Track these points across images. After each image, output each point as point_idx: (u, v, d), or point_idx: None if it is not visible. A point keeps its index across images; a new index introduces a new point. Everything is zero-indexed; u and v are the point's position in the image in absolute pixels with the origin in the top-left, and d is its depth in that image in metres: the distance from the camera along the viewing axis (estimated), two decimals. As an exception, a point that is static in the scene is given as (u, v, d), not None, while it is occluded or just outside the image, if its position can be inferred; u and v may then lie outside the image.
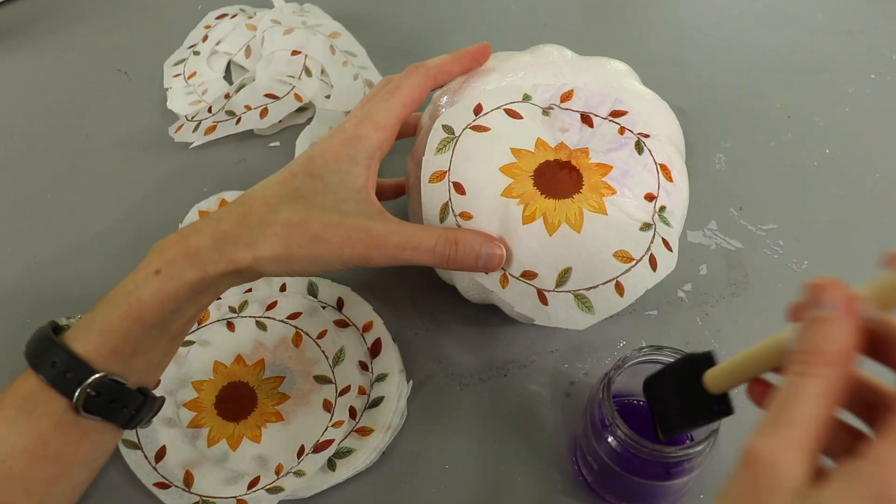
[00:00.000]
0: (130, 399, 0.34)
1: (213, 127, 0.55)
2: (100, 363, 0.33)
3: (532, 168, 0.39)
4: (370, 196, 0.38)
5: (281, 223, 0.35)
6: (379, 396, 0.41)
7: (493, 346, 0.44)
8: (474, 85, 0.42)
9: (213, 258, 0.35)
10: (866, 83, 0.59)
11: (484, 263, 0.37)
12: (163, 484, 0.38)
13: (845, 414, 0.26)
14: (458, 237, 0.37)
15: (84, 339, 0.33)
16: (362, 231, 0.36)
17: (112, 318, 0.33)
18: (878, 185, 0.52)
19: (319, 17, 0.63)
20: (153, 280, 0.34)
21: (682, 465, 0.34)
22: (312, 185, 0.37)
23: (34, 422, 0.33)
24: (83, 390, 0.32)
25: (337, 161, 0.37)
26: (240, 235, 0.35)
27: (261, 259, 0.35)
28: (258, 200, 0.37)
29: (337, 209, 0.36)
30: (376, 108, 0.39)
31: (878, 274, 0.25)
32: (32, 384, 0.33)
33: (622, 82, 0.43)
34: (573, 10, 0.67)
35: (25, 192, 0.53)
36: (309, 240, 0.35)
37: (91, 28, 0.66)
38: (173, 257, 0.34)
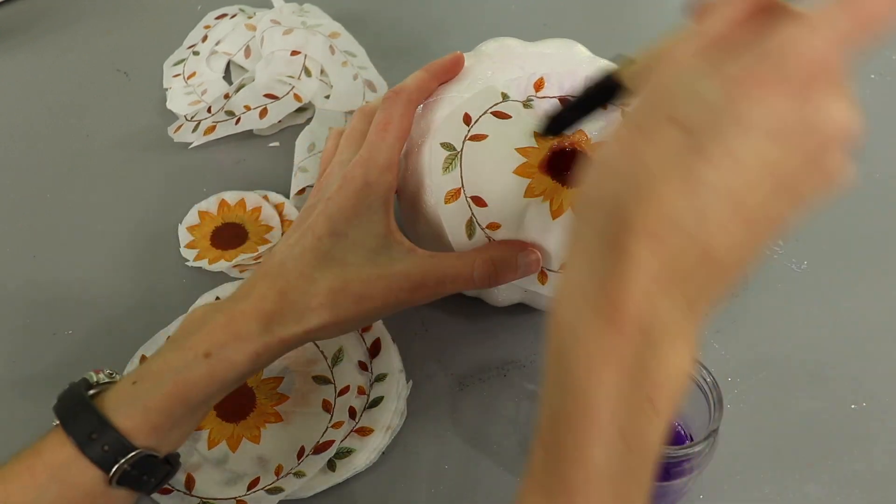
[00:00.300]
0: (160, 470, 0.34)
1: (213, 127, 0.55)
2: (139, 439, 0.32)
3: (542, 161, 0.39)
4: (397, 237, 0.38)
5: (324, 293, 0.36)
6: (378, 396, 0.41)
7: (492, 346, 0.44)
8: (450, 95, 0.41)
9: (264, 340, 0.35)
10: (866, 83, 0.59)
11: (523, 273, 0.38)
12: (164, 489, 0.38)
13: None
14: (493, 258, 0.38)
15: (125, 415, 0.33)
16: (401, 278, 0.37)
17: (156, 396, 0.33)
18: (878, 185, 0.52)
19: (319, 18, 0.63)
20: (203, 363, 0.34)
21: (681, 466, 0.34)
22: (341, 245, 0.37)
23: (65, 490, 0.32)
24: (120, 466, 0.32)
25: (357, 215, 0.37)
26: (285, 313, 0.35)
27: (311, 332, 0.36)
28: (293, 272, 0.37)
29: (372, 262, 0.37)
30: (376, 151, 0.39)
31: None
32: (67, 453, 0.32)
33: (583, 59, 0.43)
34: (573, 10, 0.67)
35: (25, 192, 0.53)
36: (354, 302, 0.36)
37: (91, 28, 0.66)
38: (224, 340, 0.34)
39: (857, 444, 0.40)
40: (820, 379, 0.43)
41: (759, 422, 0.41)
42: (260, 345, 0.35)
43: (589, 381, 0.23)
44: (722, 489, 0.39)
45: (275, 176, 0.53)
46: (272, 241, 0.48)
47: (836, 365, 0.43)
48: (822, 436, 0.41)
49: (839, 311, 0.46)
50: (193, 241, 0.49)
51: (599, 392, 0.23)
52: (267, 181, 0.53)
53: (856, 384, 0.42)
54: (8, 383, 0.44)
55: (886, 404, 0.42)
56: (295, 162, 0.52)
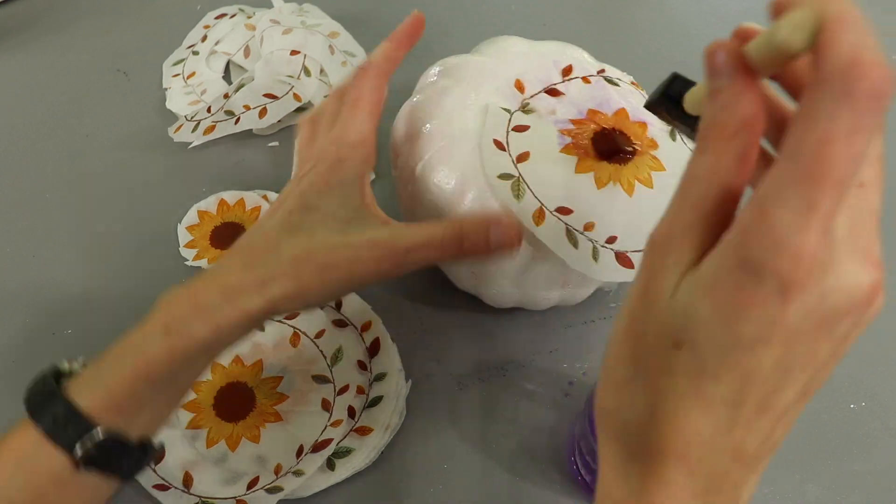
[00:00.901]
0: (131, 454, 0.33)
1: (212, 127, 0.55)
2: (104, 419, 0.32)
3: (591, 152, 0.40)
4: (372, 210, 0.37)
5: (287, 261, 0.34)
6: (378, 396, 0.41)
7: (491, 346, 0.44)
8: (455, 131, 0.41)
9: (224, 312, 0.33)
10: (866, 83, 0.59)
11: (496, 242, 0.35)
12: (162, 486, 0.38)
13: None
14: (462, 224, 0.35)
15: (89, 395, 0.32)
16: (369, 246, 0.35)
17: (118, 375, 0.32)
18: (878, 184, 0.52)
19: (318, 17, 0.63)
20: (162, 338, 0.32)
21: (680, 465, 0.34)
22: (311, 218, 0.36)
23: (32, 477, 0.31)
24: (84, 447, 0.31)
25: (329, 189, 0.36)
26: (248, 283, 0.34)
27: (274, 302, 0.34)
28: (259, 244, 0.36)
29: (340, 232, 0.35)
30: (348, 127, 0.38)
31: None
32: (32, 438, 0.31)
33: (538, 47, 0.45)
34: (573, 10, 0.67)
35: (25, 192, 0.54)
36: (318, 271, 0.34)
37: (91, 28, 0.66)
38: (183, 314, 0.33)
39: (857, 444, 0.40)
40: (819, 379, 0.43)
41: (759, 421, 0.41)
42: (221, 317, 0.33)
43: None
44: (721, 489, 0.39)
45: (274, 175, 0.53)
46: (271, 241, 0.48)
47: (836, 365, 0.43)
48: (821, 436, 0.41)
49: (839, 310, 0.46)
50: (193, 240, 0.49)
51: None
52: (266, 181, 0.53)
53: (855, 384, 0.42)
54: (8, 383, 0.44)
55: (886, 404, 0.42)
56: (294, 162, 0.52)
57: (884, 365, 0.43)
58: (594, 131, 0.41)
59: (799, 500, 0.38)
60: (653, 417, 0.23)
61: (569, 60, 0.45)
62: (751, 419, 0.22)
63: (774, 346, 0.21)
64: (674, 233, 0.23)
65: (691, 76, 0.30)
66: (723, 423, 0.22)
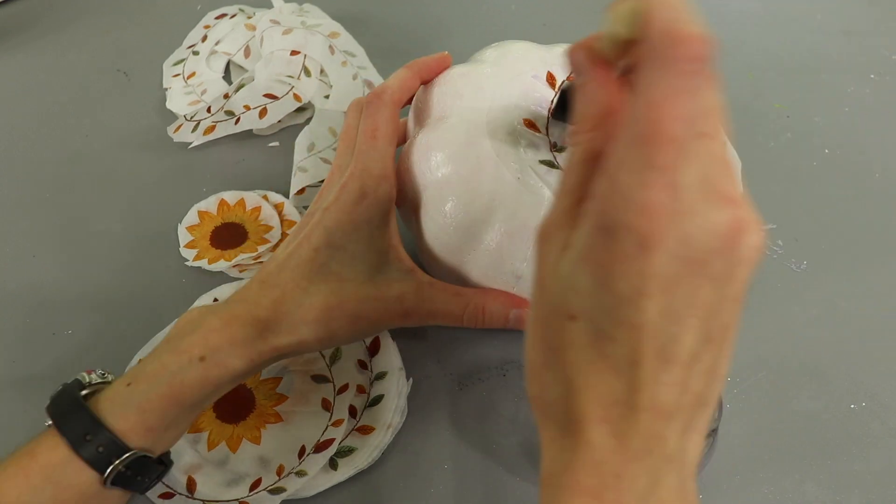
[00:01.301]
0: (153, 471, 0.34)
1: (213, 127, 0.55)
2: (133, 440, 0.33)
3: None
4: (398, 254, 0.38)
5: (319, 308, 0.36)
6: (379, 395, 0.41)
7: (491, 346, 0.44)
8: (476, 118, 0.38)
9: (258, 347, 0.35)
10: (866, 83, 0.59)
11: (513, 325, 0.40)
12: (167, 494, 0.38)
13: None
14: (485, 306, 0.39)
15: (121, 416, 0.33)
16: (396, 303, 0.38)
17: (151, 398, 0.33)
18: (878, 184, 0.52)
19: (319, 17, 0.63)
20: (198, 366, 0.34)
21: (680, 465, 0.34)
22: (338, 258, 0.37)
23: (59, 492, 0.32)
24: (115, 467, 0.32)
25: (356, 228, 0.37)
26: (280, 322, 0.36)
27: (304, 343, 0.36)
28: (289, 282, 0.37)
29: (369, 280, 0.37)
30: (369, 160, 0.38)
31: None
32: (61, 454, 0.32)
33: (545, 50, 0.43)
34: (573, 10, 0.67)
35: (25, 192, 0.53)
36: (348, 321, 0.37)
37: (91, 28, 0.66)
38: (219, 344, 0.34)
39: (857, 444, 0.40)
40: (820, 379, 0.43)
41: (759, 422, 0.41)
42: (254, 351, 0.35)
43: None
44: (721, 489, 0.39)
45: (274, 176, 0.53)
46: (272, 241, 0.48)
47: (836, 365, 0.43)
48: (821, 436, 0.41)
49: (839, 311, 0.46)
50: (193, 240, 0.49)
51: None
52: (267, 181, 0.53)
53: (855, 384, 0.42)
54: (8, 383, 0.44)
55: (886, 404, 0.42)
56: (295, 162, 0.52)
57: (884, 365, 0.43)
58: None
59: (799, 500, 0.38)
60: (570, 391, 0.24)
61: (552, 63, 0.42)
62: (656, 371, 0.23)
63: (653, 295, 0.22)
64: (553, 219, 0.25)
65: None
66: (632, 380, 0.23)
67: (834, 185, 0.52)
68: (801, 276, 0.47)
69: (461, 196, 0.38)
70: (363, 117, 0.39)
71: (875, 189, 0.52)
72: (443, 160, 0.38)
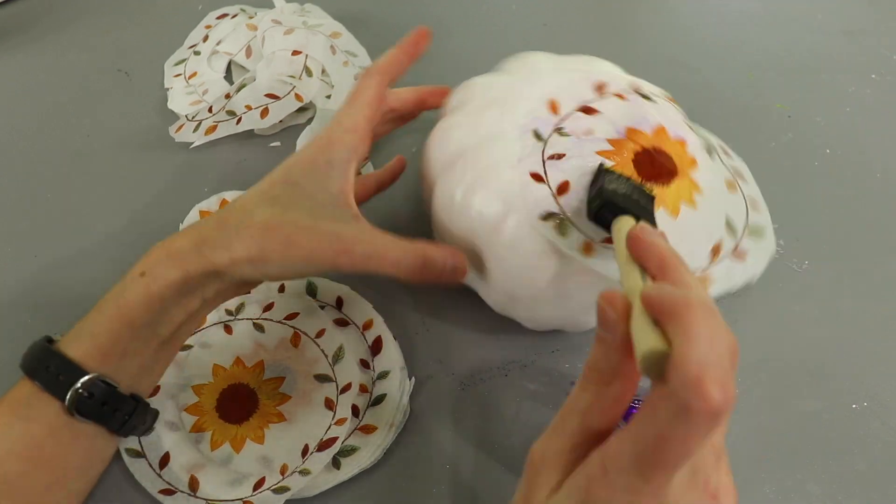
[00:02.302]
0: (122, 403, 0.35)
1: (214, 127, 0.55)
2: (91, 366, 0.34)
3: (634, 175, 0.38)
4: (348, 200, 0.38)
5: (257, 226, 0.36)
6: (381, 394, 0.42)
7: (493, 346, 0.45)
8: (491, 160, 0.39)
9: (192, 259, 0.36)
10: (866, 83, 0.59)
11: (449, 277, 0.38)
12: (168, 490, 0.38)
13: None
14: (425, 255, 0.37)
15: (76, 344, 0.34)
16: (332, 237, 0.37)
17: (101, 322, 0.35)
18: (879, 184, 0.53)
19: (320, 17, 0.63)
20: (138, 282, 0.35)
21: (683, 465, 0.34)
22: (291, 192, 0.38)
23: (28, 426, 0.33)
24: (75, 391, 0.33)
25: (314, 167, 0.38)
26: (218, 237, 0.36)
27: (237, 260, 0.36)
28: (238, 207, 0.38)
29: (312, 214, 0.37)
30: (343, 115, 0.40)
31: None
32: (27, 390, 0.34)
33: (567, 63, 0.43)
34: (573, 10, 0.67)
35: (25, 192, 0.53)
36: (282, 243, 0.36)
37: (91, 28, 0.66)
38: (157, 259, 0.36)
39: (858, 444, 0.40)
40: (820, 379, 0.43)
41: (760, 422, 0.41)
42: (189, 264, 0.36)
43: None
44: (723, 489, 0.39)
45: (276, 176, 0.53)
46: (273, 241, 0.48)
47: (837, 364, 0.43)
48: (822, 435, 0.41)
49: (839, 311, 0.46)
50: (194, 240, 0.49)
51: None
52: (268, 181, 0.53)
53: (856, 384, 0.42)
54: (9, 383, 0.43)
55: (887, 404, 0.42)
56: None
57: (885, 365, 0.43)
58: (635, 152, 0.39)
59: (800, 500, 0.38)
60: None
61: (601, 76, 0.42)
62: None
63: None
64: (547, 455, 0.27)
65: (691, 76, 0.30)
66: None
67: (835, 185, 0.53)
68: (802, 276, 0.47)
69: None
70: (354, 86, 0.42)
71: (876, 189, 0.52)
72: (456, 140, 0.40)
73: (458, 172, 0.39)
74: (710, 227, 0.40)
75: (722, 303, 0.46)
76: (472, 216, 0.38)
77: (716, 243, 0.40)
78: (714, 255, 0.40)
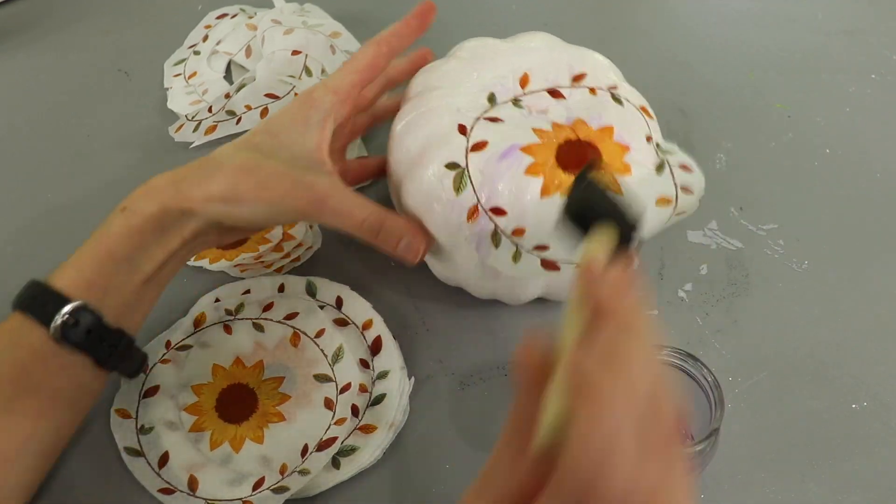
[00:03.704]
0: (107, 333, 0.36)
1: (214, 127, 0.55)
2: (75, 294, 0.35)
3: (552, 156, 0.39)
4: (322, 156, 0.40)
5: (233, 167, 0.39)
6: (381, 394, 0.41)
7: (493, 345, 0.44)
8: (440, 104, 0.41)
9: (170, 193, 0.38)
10: (867, 83, 0.59)
11: (402, 250, 0.40)
12: (167, 489, 0.38)
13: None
14: (385, 221, 0.39)
15: (62, 277, 0.36)
16: (305, 187, 0.38)
17: (84, 255, 0.37)
18: (879, 185, 0.53)
19: (320, 17, 0.63)
20: (119, 216, 0.37)
21: (683, 465, 0.34)
22: (269, 142, 0.40)
23: (16, 351, 0.35)
24: (61, 317, 0.34)
25: (293, 122, 0.40)
26: (195, 175, 0.38)
27: (210, 196, 0.38)
28: (220, 152, 0.40)
29: (288, 163, 0.39)
30: (332, 76, 0.42)
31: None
32: (16, 321, 0.35)
33: (559, 48, 0.44)
34: (573, 10, 0.67)
35: (25, 192, 0.53)
36: (255, 185, 0.38)
37: (91, 28, 0.66)
38: (136, 196, 0.38)
39: (858, 444, 0.40)
40: (820, 379, 0.43)
41: (760, 421, 0.41)
42: (166, 197, 0.37)
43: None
44: (723, 488, 0.39)
45: (276, 176, 0.53)
46: (273, 241, 0.48)
47: (837, 365, 0.43)
48: (822, 435, 0.41)
49: (839, 311, 0.46)
50: (194, 240, 0.49)
51: None
52: (268, 181, 0.53)
53: (857, 384, 0.42)
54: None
55: (887, 404, 0.42)
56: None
57: (886, 365, 0.43)
58: (566, 139, 0.40)
59: (800, 499, 0.38)
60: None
61: (585, 68, 0.43)
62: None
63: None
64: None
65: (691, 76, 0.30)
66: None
67: (835, 185, 0.53)
68: (802, 276, 0.47)
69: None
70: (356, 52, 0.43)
71: (876, 189, 0.52)
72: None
73: (408, 107, 0.42)
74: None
75: (721, 302, 0.46)
76: (402, 149, 0.41)
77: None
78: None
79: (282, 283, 0.47)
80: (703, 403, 0.35)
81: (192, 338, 0.44)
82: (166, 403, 0.41)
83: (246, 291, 0.46)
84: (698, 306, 0.46)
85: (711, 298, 0.46)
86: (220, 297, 0.46)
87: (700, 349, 0.44)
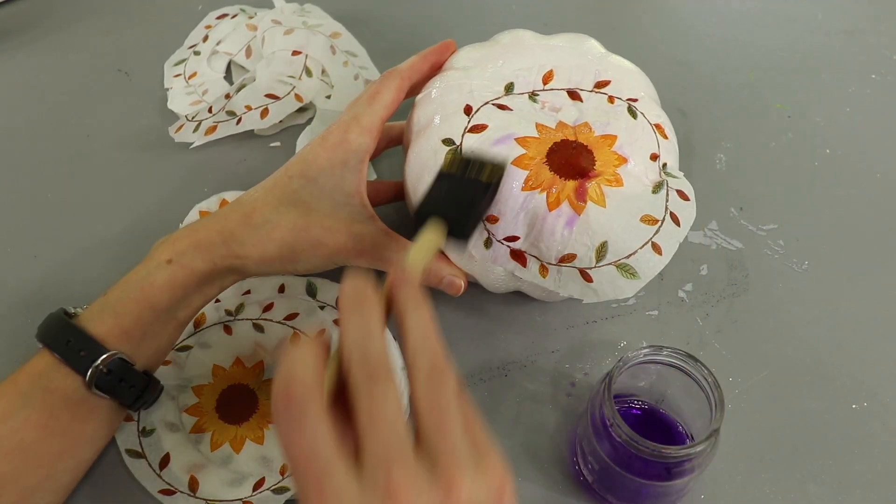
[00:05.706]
0: (137, 380, 0.36)
1: (214, 127, 0.55)
2: (112, 343, 0.35)
3: (543, 153, 0.40)
4: (363, 200, 0.40)
5: (285, 227, 0.38)
6: (380, 396, 0.41)
7: (493, 346, 0.45)
8: (458, 83, 0.42)
9: (221, 252, 0.38)
10: (866, 83, 0.59)
11: (445, 286, 0.41)
12: (168, 490, 0.38)
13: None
14: (429, 266, 0.39)
15: (98, 321, 0.35)
16: (355, 239, 0.39)
17: (125, 302, 0.36)
18: (879, 185, 0.53)
19: (320, 18, 0.63)
20: (165, 268, 0.37)
21: (682, 465, 0.34)
22: (310, 189, 0.40)
23: (47, 396, 0.34)
24: (95, 367, 0.34)
25: (331, 166, 0.40)
26: (246, 235, 0.38)
27: (267, 258, 0.38)
28: (260, 202, 0.39)
29: (333, 215, 0.39)
30: (361, 113, 0.41)
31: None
32: (47, 361, 0.35)
33: (595, 54, 0.45)
34: (573, 10, 0.67)
35: (25, 192, 0.53)
36: (311, 244, 0.39)
37: (91, 28, 0.66)
38: (184, 248, 0.37)
39: (859, 444, 0.40)
40: (820, 379, 0.43)
41: (760, 422, 0.41)
42: (217, 255, 0.37)
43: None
44: (723, 489, 0.39)
45: (276, 176, 0.53)
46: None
47: (837, 365, 0.43)
48: (822, 436, 0.41)
49: (839, 311, 0.46)
50: (194, 241, 0.49)
51: None
52: (268, 181, 0.53)
53: (856, 384, 0.42)
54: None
55: (887, 404, 0.42)
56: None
57: (885, 365, 0.43)
58: (562, 138, 0.40)
59: (800, 500, 0.38)
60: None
61: (611, 77, 0.43)
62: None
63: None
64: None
65: (691, 76, 0.30)
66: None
67: (835, 185, 0.53)
68: (802, 276, 0.47)
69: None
70: (374, 82, 0.43)
71: (876, 189, 0.52)
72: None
73: (434, 80, 0.43)
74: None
75: (721, 302, 0.46)
76: (414, 118, 0.42)
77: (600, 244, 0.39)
78: (597, 258, 0.39)
79: (282, 283, 0.47)
80: (704, 404, 0.35)
81: (193, 338, 0.44)
82: (167, 405, 0.41)
83: (246, 292, 0.46)
84: (698, 306, 0.46)
85: (711, 299, 0.46)
86: (221, 298, 0.46)
87: (700, 349, 0.44)
